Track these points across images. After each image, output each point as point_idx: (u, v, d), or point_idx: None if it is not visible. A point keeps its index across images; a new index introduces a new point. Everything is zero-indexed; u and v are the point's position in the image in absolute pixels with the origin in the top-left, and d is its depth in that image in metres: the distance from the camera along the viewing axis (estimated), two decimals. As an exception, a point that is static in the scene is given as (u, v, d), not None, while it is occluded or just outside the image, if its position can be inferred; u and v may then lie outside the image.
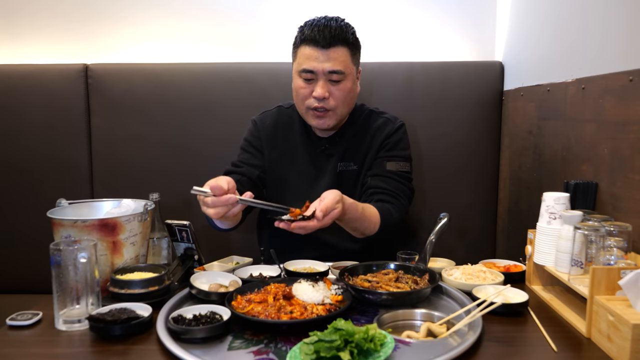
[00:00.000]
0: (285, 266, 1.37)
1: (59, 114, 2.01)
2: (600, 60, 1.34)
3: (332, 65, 1.47)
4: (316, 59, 1.47)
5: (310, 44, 1.48)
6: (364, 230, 1.45)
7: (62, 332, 1.09)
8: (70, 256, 1.09)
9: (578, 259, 1.13)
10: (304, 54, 1.49)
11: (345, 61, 1.49)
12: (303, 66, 1.49)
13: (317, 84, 1.49)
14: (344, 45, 1.48)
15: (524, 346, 1.06)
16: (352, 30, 1.52)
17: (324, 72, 1.47)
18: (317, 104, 1.50)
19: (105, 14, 2.10)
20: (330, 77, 1.48)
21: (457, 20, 2.09)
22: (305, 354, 0.89)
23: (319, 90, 1.48)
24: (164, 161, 2.03)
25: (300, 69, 1.50)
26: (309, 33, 1.48)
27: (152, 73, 2.03)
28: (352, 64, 1.51)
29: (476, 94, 2.00)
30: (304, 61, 1.49)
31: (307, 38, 1.48)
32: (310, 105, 1.51)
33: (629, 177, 1.19)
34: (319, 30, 1.46)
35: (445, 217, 1.42)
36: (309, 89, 1.50)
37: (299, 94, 1.53)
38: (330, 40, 1.46)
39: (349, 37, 1.49)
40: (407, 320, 1.13)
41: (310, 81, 1.50)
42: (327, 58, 1.46)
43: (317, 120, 1.53)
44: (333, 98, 1.50)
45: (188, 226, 1.39)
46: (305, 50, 1.49)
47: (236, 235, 2.04)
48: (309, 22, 1.52)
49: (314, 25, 1.48)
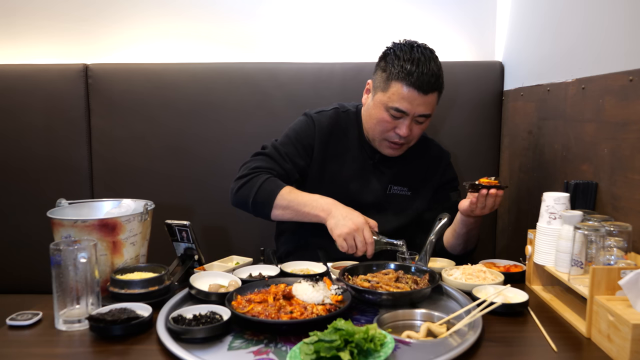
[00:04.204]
0: (282, 267, 1.37)
1: (59, 114, 2.01)
2: (600, 60, 1.34)
3: (424, 110, 1.47)
4: (411, 102, 1.45)
5: (410, 86, 1.44)
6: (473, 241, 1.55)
7: (62, 332, 1.09)
8: (70, 256, 1.09)
9: (578, 259, 1.13)
10: (401, 93, 1.45)
11: (433, 104, 1.50)
12: (396, 105, 1.46)
13: (404, 123, 1.48)
14: (437, 90, 1.49)
15: (524, 346, 1.06)
16: (442, 70, 1.50)
17: (414, 115, 1.47)
18: (398, 139, 1.51)
19: (105, 14, 2.10)
20: (417, 119, 1.49)
21: (457, 20, 2.09)
22: (305, 354, 0.89)
23: (404, 129, 1.48)
24: (164, 161, 2.03)
25: (392, 107, 1.47)
26: (412, 73, 1.43)
27: (152, 73, 2.03)
28: (436, 105, 1.52)
29: (476, 94, 2.00)
30: (397, 100, 1.46)
31: (410, 80, 1.43)
32: (389, 139, 1.52)
33: (629, 177, 1.19)
34: (423, 74, 1.43)
35: (445, 217, 1.42)
36: (393, 124, 1.50)
37: (381, 126, 1.51)
38: (431, 87, 1.45)
39: (441, 82, 1.49)
40: (407, 320, 1.13)
41: (397, 118, 1.49)
42: (423, 103, 1.46)
43: (390, 151, 1.56)
44: (412, 135, 1.52)
45: (188, 226, 1.39)
46: (402, 89, 1.45)
47: (236, 235, 2.04)
48: (409, 56, 1.45)
49: (417, 65, 1.43)
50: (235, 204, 1.56)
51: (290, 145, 1.58)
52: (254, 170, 1.52)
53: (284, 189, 1.48)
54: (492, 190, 1.36)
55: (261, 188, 1.48)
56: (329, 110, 1.64)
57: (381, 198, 1.61)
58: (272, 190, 1.47)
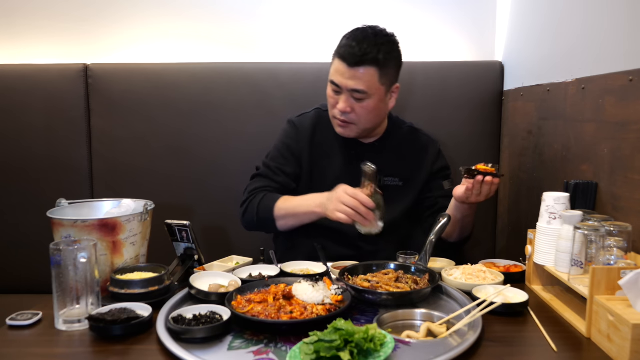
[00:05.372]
0: (282, 267, 1.37)
1: (59, 114, 2.01)
2: (600, 60, 1.34)
3: (355, 85, 1.47)
4: (342, 75, 1.47)
5: (339, 59, 1.48)
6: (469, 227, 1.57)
7: (62, 332, 1.09)
8: (70, 256, 1.09)
9: (578, 259, 1.13)
10: (335, 66, 1.50)
11: (371, 81, 1.47)
12: (331, 78, 1.51)
13: (341, 98, 1.51)
14: (372, 65, 1.46)
15: (524, 346, 1.06)
16: (387, 49, 1.48)
17: (347, 89, 1.48)
18: (339, 116, 1.53)
19: (105, 14, 2.10)
20: (352, 94, 1.49)
21: (457, 20, 2.09)
22: (305, 354, 0.89)
23: (341, 104, 1.50)
24: (164, 161, 2.03)
25: (330, 80, 1.52)
26: (342, 46, 1.48)
27: (152, 73, 2.03)
28: (380, 84, 1.49)
29: (476, 94, 2.00)
30: (333, 73, 1.51)
31: (340, 53, 1.48)
32: (335, 115, 1.55)
33: (629, 177, 1.19)
34: (350, 47, 1.45)
35: (445, 217, 1.42)
36: (335, 100, 1.52)
37: (329, 103, 1.56)
38: (358, 59, 1.44)
39: (379, 57, 1.45)
40: (407, 320, 1.13)
41: (337, 93, 1.52)
42: (352, 76, 1.46)
43: (339, 129, 1.57)
44: (355, 113, 1.52)
45: (188, 226, 1.39)
46: (336, 63, 1.50)
47: (236, 235, 2.04)
48: (349, 33, 1.50)
49: (349, 39, 1.47)
50: (247, 228, 1.67)
51: (279, 158, 1.66)
52: (251, 193, 1.63)
53: (278, 201, 1.57)
54: (487, 178, 1.36)
55: (260, 207, 1.58)
56: (310, 112, 1.70)
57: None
58: (268, 206, 1.57)
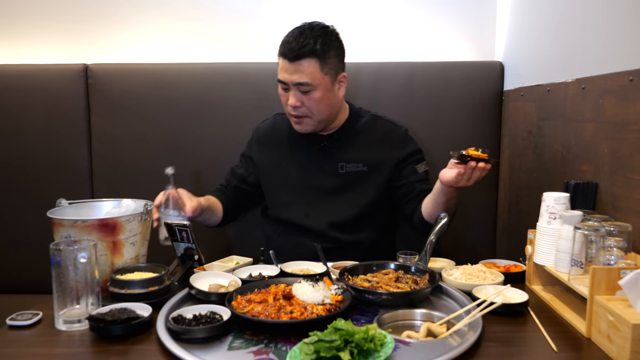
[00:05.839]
0: (282, 268, 1.37)
1: (59, 114, 2.01)
2: (600, 60, 1.34)
3: (299, 78, 1.51)
4: (286, 71, 1.53)
5: (281, 56, 1.54)
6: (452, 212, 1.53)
7: (62, 332, 1.09)
8: (70, 256, 1.09)
9: (578, 259, 1.13)
10: (279, 65, 1.55)
11: (313, 73, 1.51)
12: (278, 76, 1.56)
13: (290, 94, 1.55)
14: (311, 57, 1.50)
15: (524, 346, 1.06)
16: (324, 39, 1.52)
17: (292, 84, 1.52)
18: (292, 111, 1.57)
19: (105, 14, 2.10)
20: (299, 88, 1.53)
21: (457, 20, 2.09)
22: (305, 354, 0.89)
23: (290, 99, 1.54)
24: (164, 161, 2.00)
25: (277, 79, 1.57)
26: (282, 44, 1.54)
27: (152, 73, 2.03)
28: (323, 75, 1.53)
29: (476, 94, 2.00)
30: (279, 72, 1.56)
31: (280, 51, 1.54)
32: (289, 112, 1.59)
33: (629, 177, 1.19)
34: (288, 43, 1.51)
35: (445, 217, 1.42)
36: (286, 97, 1.56)
37: (282, 102, 1.60)
38: (296, 53, 1.49)
39: (317, 49, 1.50)
40: (407, 320, 1.13)
41: (286, 90, 1.56)
42: (294, 70, 1.51)
43: (296, 126, 1.61)
44: (305, 106, 1.55)
45: (188, 226, 1.39)
46: (280, 62, 1.55)
47: (236, 235, 2.04)
48: (288, 33, 1.55)
49: (287, 36, 1.54)
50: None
51: (240, 161, 1.79)
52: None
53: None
54: (480, 164, 1.34)
55: None
56: (269, 118, 1.80)
57: (337, 178, 1.64)
58: None
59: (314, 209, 1.64)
